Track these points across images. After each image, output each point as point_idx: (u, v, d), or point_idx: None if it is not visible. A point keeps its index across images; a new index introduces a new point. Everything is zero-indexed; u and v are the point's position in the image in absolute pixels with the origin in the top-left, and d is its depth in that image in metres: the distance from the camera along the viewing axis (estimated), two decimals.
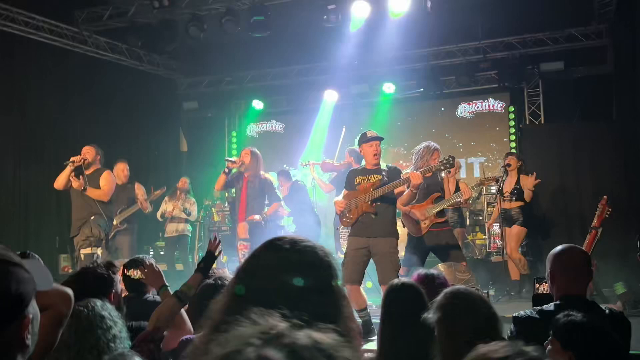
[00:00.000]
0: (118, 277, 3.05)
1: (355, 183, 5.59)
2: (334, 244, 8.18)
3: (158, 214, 9.60)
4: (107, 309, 2.31)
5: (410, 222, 6.32)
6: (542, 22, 9.73)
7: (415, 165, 6.16)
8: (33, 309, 1.34)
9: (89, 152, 6.78)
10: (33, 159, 8.90)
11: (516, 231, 7.54)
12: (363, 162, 5.82)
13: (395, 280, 2.93)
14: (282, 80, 11.89)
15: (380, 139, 5.55)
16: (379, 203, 5.41)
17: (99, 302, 2.32)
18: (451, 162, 5.39)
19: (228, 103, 12.49)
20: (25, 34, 8.91)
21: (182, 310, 2.98)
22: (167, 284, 3.16)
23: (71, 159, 6.62)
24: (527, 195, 7.50)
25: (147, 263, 3.22)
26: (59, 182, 6.72)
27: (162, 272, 3.23)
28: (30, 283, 1.33)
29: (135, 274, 3.35)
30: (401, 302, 2.62)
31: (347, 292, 5.84)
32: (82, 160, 6.62)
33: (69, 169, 6.62)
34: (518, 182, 7.63)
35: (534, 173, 7.58)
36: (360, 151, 5.74)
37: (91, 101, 9.55)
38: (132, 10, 9.36)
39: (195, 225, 9.21)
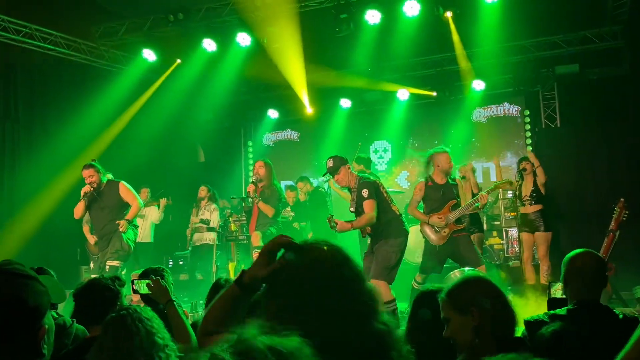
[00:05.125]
0: (124, 290, 3.12)
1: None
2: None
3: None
4: (147, 313, 2.38)
5: (430, 232, 6.31)
6: (556, 25, 9.69)
7: (426, 171, 6.25)
8: (48, 320, 1.42)
9: (91, 175, 6.62)
10: (54, 173, 9.02)
11: (544, 237, 7.49)
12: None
13: (423, 288, 2.92)
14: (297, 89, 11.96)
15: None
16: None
17: (138, 307, 2.40)
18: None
19: (243, 113, 12.61)
20: (44, 50, 9.09)
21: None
22: (174, 299, 3.20)
23: (82, 192, 6.59)
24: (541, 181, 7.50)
25: (154, 279, 3.28)
26: (78, 214, 6.75)
27: (167, 288, 3.26)
28: (46, 296, 1.41)
29: (141, 287, 3.38)
30: (431, 308, 2.61)
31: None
32: (92, 188, 6.59)
33: (83, 202, 6.62)
34: (535, 184, 7.60)
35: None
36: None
37: (108, 113, 9.67)
38: (148, 24, 9.51)
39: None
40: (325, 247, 1.44)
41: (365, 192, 5.46)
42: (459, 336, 2.08)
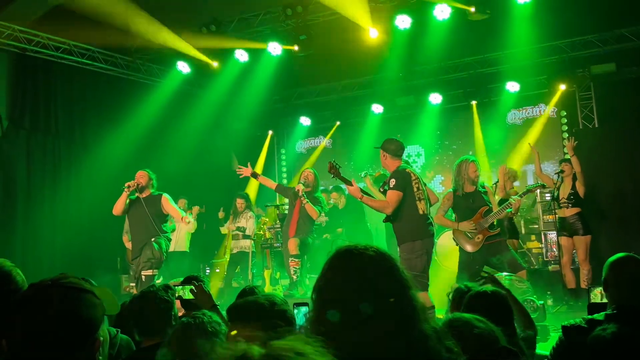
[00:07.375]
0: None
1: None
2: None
3: None
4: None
5: (463, 241, 6.23)
6: (591, 24, 9.50)
7: (454, 180, 6.20)
8: (103, 332, 1.48)
9: (143, 176, 6.94)
10: (94, 185, 9.25)
11: (582, 241, 7.35)
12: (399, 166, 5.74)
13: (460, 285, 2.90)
14: (328, 96, 12.02)
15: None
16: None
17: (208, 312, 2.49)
18: None
19: (276, 121, 12.72)
20: (82, 65, 9.34)
21: None
22: (218, 304, 3.25)
23: (126, 184, 6.81)
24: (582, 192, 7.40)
25: (197, 285, 3.33)
26: (117, 209, 6.92)
27: (211, 294, 3.34)
28: (101, 308, 1.46)
29: (185, 293, 3.45)
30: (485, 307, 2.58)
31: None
32: (137, 185, 6.82)
33: (125, 194, 6.82)
34: (574, 187, 7.48)
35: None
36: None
37: (146, 125, 9.86)
38: (182, 37, 9.68)
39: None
40: (373, 253, 1.46)
41: (392, 182, 5.25)
42: None
